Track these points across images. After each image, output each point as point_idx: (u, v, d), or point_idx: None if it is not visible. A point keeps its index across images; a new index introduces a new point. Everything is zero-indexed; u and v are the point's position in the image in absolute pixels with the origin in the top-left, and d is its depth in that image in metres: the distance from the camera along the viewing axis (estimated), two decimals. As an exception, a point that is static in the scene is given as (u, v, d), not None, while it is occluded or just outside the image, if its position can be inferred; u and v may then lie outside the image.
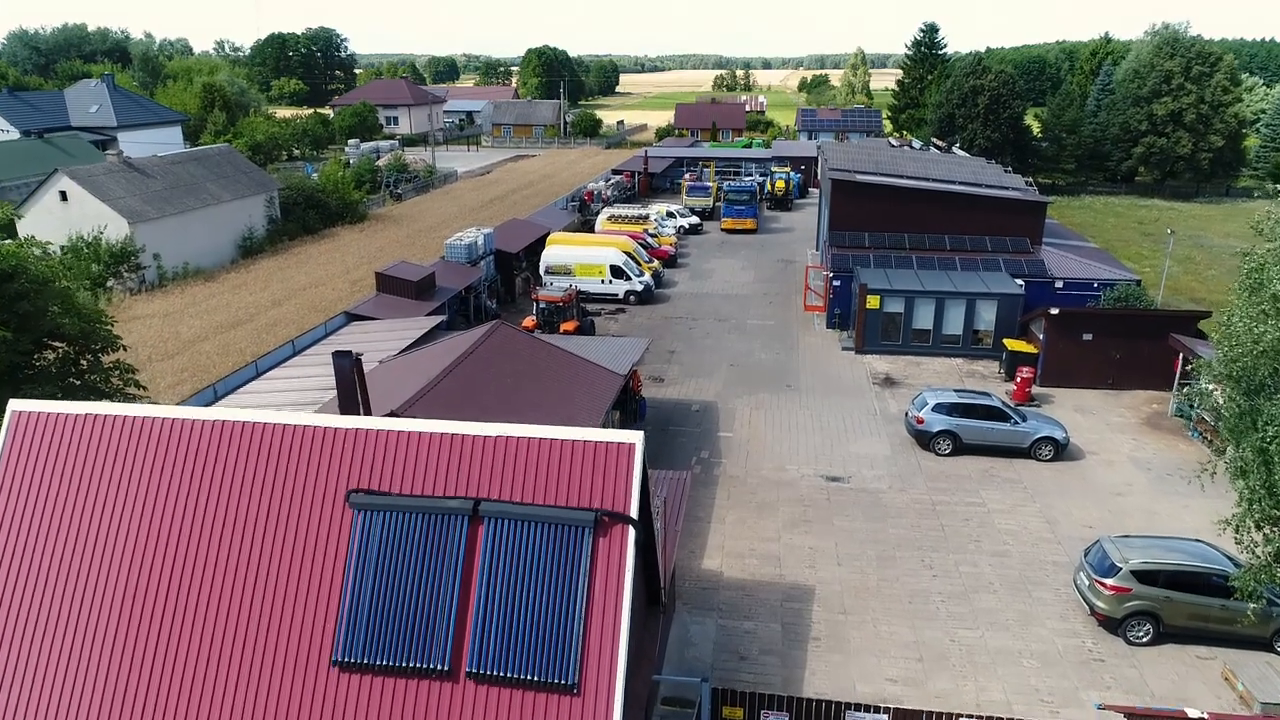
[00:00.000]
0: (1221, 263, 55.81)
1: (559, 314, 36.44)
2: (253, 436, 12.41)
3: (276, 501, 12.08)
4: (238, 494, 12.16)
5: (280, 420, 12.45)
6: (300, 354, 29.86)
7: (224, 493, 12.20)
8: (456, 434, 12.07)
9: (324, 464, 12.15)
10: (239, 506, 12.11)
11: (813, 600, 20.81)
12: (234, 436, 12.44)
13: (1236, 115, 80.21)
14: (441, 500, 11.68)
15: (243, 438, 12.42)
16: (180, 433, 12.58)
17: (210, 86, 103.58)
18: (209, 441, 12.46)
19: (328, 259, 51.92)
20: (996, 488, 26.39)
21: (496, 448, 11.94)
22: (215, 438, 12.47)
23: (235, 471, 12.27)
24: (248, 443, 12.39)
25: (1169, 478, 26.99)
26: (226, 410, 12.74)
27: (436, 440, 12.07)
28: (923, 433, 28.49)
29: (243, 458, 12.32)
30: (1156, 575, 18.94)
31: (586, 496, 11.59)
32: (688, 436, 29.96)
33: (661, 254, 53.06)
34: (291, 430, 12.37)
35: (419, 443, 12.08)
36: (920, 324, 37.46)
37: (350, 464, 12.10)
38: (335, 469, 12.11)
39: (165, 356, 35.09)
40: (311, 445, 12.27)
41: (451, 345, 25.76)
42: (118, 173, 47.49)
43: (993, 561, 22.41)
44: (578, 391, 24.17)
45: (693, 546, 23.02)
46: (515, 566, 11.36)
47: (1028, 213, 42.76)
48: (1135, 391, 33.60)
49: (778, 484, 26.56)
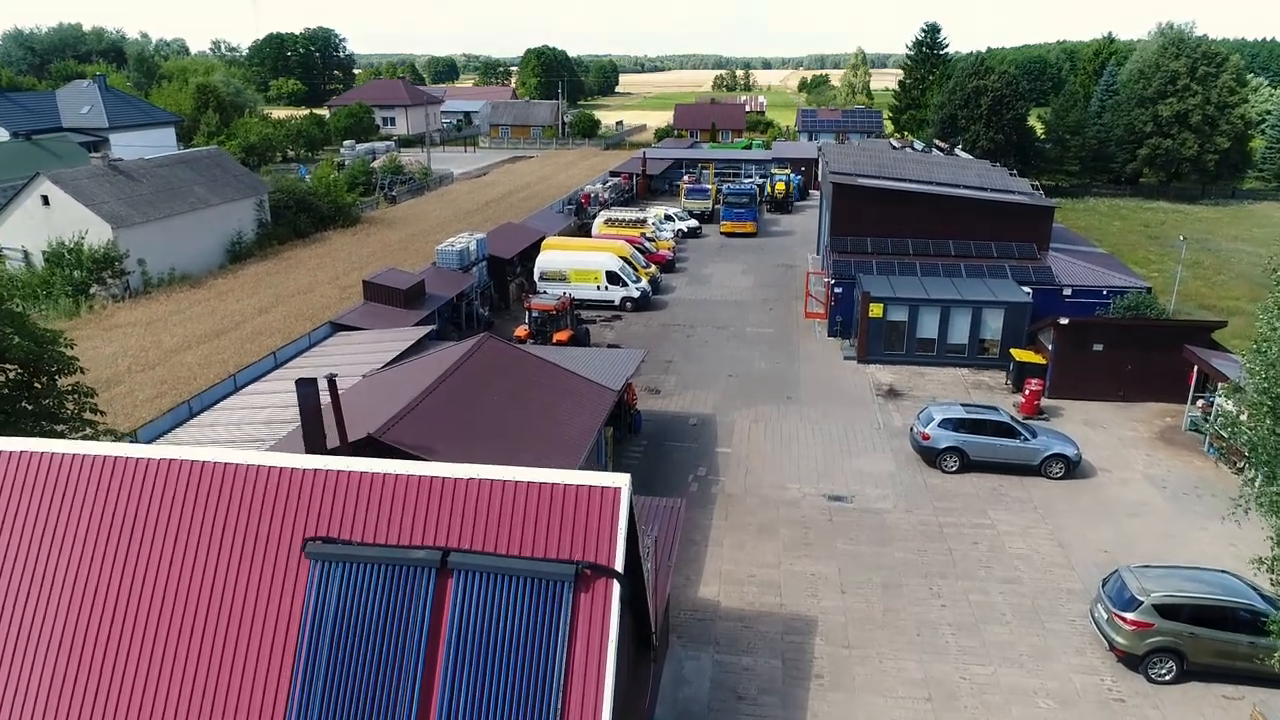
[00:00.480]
0: (1230, 267, 54.75)
1: (552, 323, 35.34)
2: (201, 477, 11.30)
3: (226, 550, 10.98)
4: (184, 541, 11.06)
5: (230, 459, 11.35)
6: (282, 366, 28.76)
7: (168, 539, 11.09)
8: (424, 475, 10.98)
9: (278, 508, 11.05)
10: (184, 555, 11.01)
11: (815, 632, 19.72)
12: (180, 477, 11.33)
13: (1243, 116, 79.09)
14: (406, 550, 10.58)
15: (190, 478, 11.31)
16: (121, 472, 11.46)
17: (204, 87, 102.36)
18: (153, 482, 11.35)
19: (318, 264, 50.81)
20: (1006, 508, 25.29)
21: (468, 491, 10.85)
22: (160, 478, 11.36)
23: (181, 516, 11.17)
24: (195, 484, 11.28)
25: (1185, 497, 25.89)
26: (172, 448, 11.63)
27: (402, 482, 10.97)
28: (928, 449, 27.39)
29: (190, 500, 11.21)
30: (1180, 609, 17.84)
31: (567, 547, 10.49)
32: (685, 452, 28.86)
33: (659, 259, 51.96)
34: (243, 470, 11.26)
35: (382, 485, 10.98)
36: (924, 333, 36.35)
37: (307, 508, 10.99)
38: (291, 514, 11.00)
39: (145, 367, 33.98)
40: (265, 487, 11.16)
41: (438, 359, 24.66)
42: (102, 176, 46.38)
43: (1004, 589, 21.31)
44: (568, 409, 23.07)
45: (688, 573, 21.92)
46: (487, 625, 10.26)
47: (1034, 218, 41.67)
48: (1147, 404, 32.49)
49: (778, 504, 25.46)
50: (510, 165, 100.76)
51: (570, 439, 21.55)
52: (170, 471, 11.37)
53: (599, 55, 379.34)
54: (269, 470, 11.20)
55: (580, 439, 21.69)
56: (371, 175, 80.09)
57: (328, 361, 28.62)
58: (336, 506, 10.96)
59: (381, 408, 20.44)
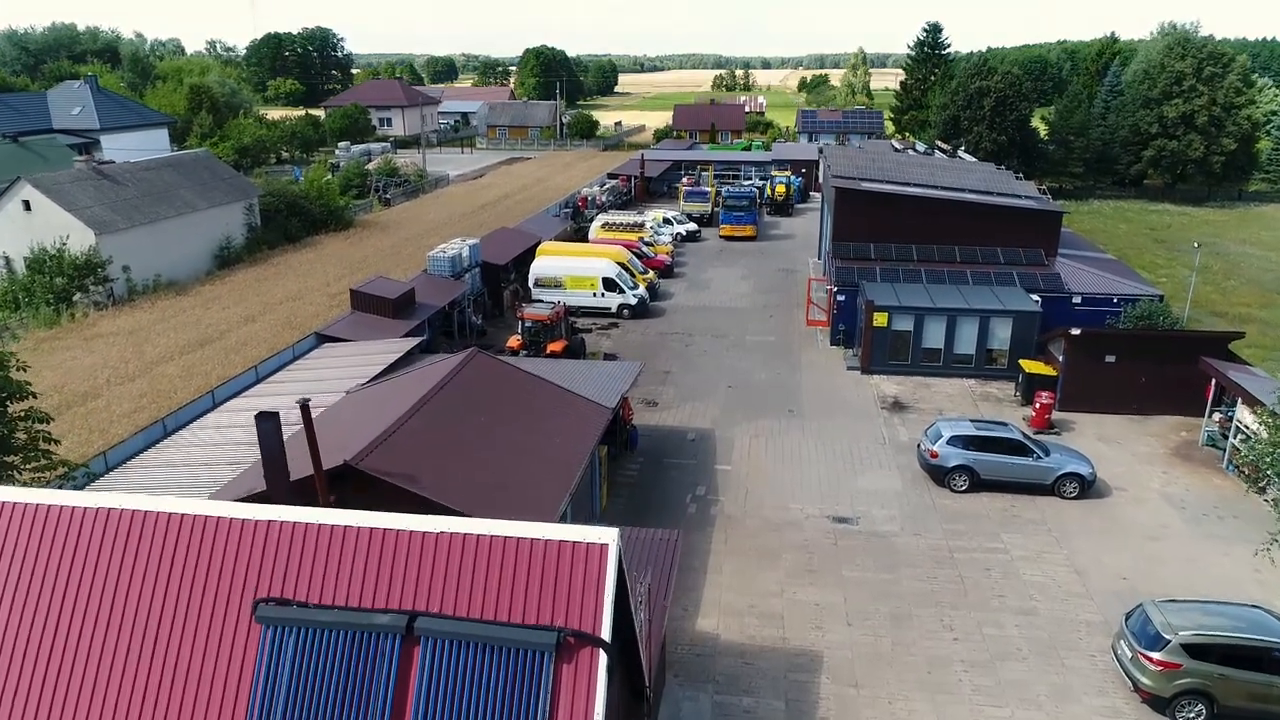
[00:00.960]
0: (1240, 272, 53.65)
1: (546, 333, 34.19)
2: (143, 529, 10.18)
3: (169, 610, 9.86)
4: (123, 599, 9.94)
5: (174, 509, 10.22)
6: (263, 380, 27.63)
7: (105, 596, 9.97)
8: (389, 528, 9.86)
9: (227, 564, 9.93)
10: (123, 614, 9.89)
11: (820, 669, 18.60)
12: (120, 528, 10.20)
13: (1249, 118, 78.01)
14: (369, 614, 9.47)
15: (131, 530, 10.19)
16: (55, 522, 10.34)
17: (198, 88, 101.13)
18: (89, 534, 10.23)
19: (308, 270, 49.67)
20: (1019, 530, 24.17)
21: (438, 547, 9.72)
22: (98, 529, 10.24)
23: (121, 571, 10.05)
24: (137, 536, 10.16)
25: (1205, 519, 24.77)
26: (112, 496, 10.48)
27: (364, 536, 9.85)
28: (937, 467, 26.27)
29: (130, 554, 10.10)
30: (1210, 649, 16.72)
31: (548, 611, 9.38)
32: (682, 470, 27.73)
33: (657, 264, 50.82)
34: (189, 522, 10.14)
35: (343, 539, 9.86)
36: (930, 343, 35.22)
37: (259, 564, 9.88)
38: (241, 570, 9.89)
39: (125, 380, 32.85)
40: (213, 540, 10.05)
41: (423, 375, 23.54)
42: (85, 180, 45.25)
43: (1019, 621, 20.19)
44: (560, 429, 21.95)
45: (686, 603, 20.79)
46: (457, 699, 9.14)
47: (1042, 223, 40.60)
48: (1162, 417, 31.37)
49: (780, 526, 24.34)
50: (507, 167, 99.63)
51: (561, 462, 20.44)
52: (109, 522, 10.25)
53: (598, 55, 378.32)
54: (217, 521, 10.09)
55: (572, 462, 20.57)
56: (366, 177, 78.99)
57: (311, 375, 27.52)
58: (292, 562, 9.85)
59: (361, 431, 19.33)
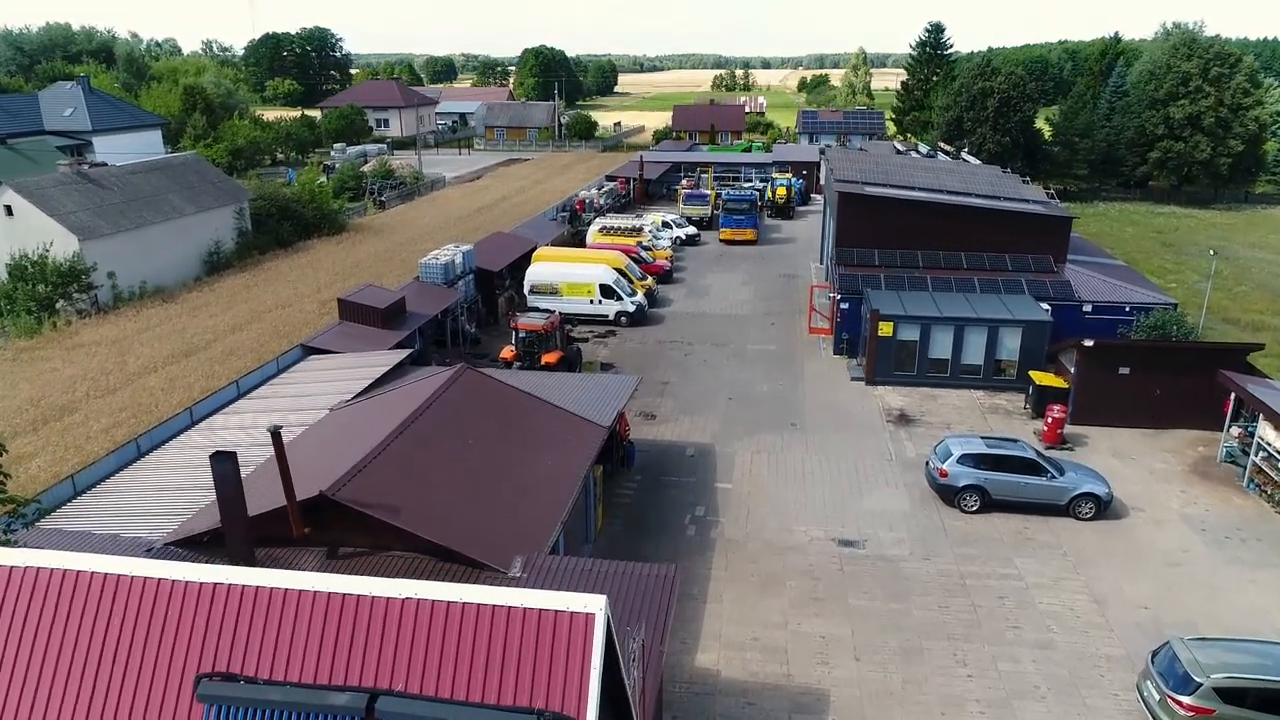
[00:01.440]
0: (1250, 277, 52.57)
1: (540, 343, 33.09)
2: (75, 591, 9.10)
3: (101, 686, 8.78)
4: (50, 672, 8.86)
5: (110, 569, 9.14)
6: (245, 396, 26.53)
7: (33, 668, 8.90)
8: (349, 594, 8.78)
9: (168, 634, 8.85)
10: (51, 690, 8.81)
11: (827, 710, 17.52)
12: (50, 590, 9.13)
13: (1256, 119, 76.91)
14: (324, 693, 8.39)
15: (62, 592, 9.11)
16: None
17: (192, 88, 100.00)
18: (17, 595, 9.14)
19: (299, 275, 48.57)
20: (1033, 554, 23.09)
21: (403, 616, 8.65)
22: (25, 591, 9.16)
23: (51, 640, 8.97)
24: (68, 599, 9.08)
25: (1228, 542, 23.69)
26: (40, 554, 9.40)
27: (322, 603, 8.78)
28: (946, 487, 25.19)
29: (61, 621, 9.02)
30: (1245, 693, 15.66)
31: (526, 689, 8.30)
32: (681, 488, 26.65)
33: (656, 269, 49.75)
34: (127, 584, 9.06)
35: (297, 606, 8.79)
36: (937, 353, 34.15)
37: (204, 635, 8.80)
38: (184, 641, 8.81)
39: (105, 392, 31.78)
40: (153, 605, 8.97)
41: (410, 393, 22.45)
42: (70, 185, 44.14)
43: (1036, 656, 19.11)
44: (552, 451, 20.87)
45: (684, 636, 19.72)
46: (424, 792, 8.08)
47: (1051, 229, 39.49)
48: (1177, 432, 30.30)
49: (783, 550, 23.26)
50: (505, 169, 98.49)
51: (553, 488, 19.35)
52: (38, 584, 9.18)
53: (598, 55, 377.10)
54: (157, 583, 9.02)
55: (565, 487, 19.49)
56: (361, 179, 77.92)
57: (294, 390, 26.44)
58: (240, 631, 8.78)
59: (340, 455, 18.24)
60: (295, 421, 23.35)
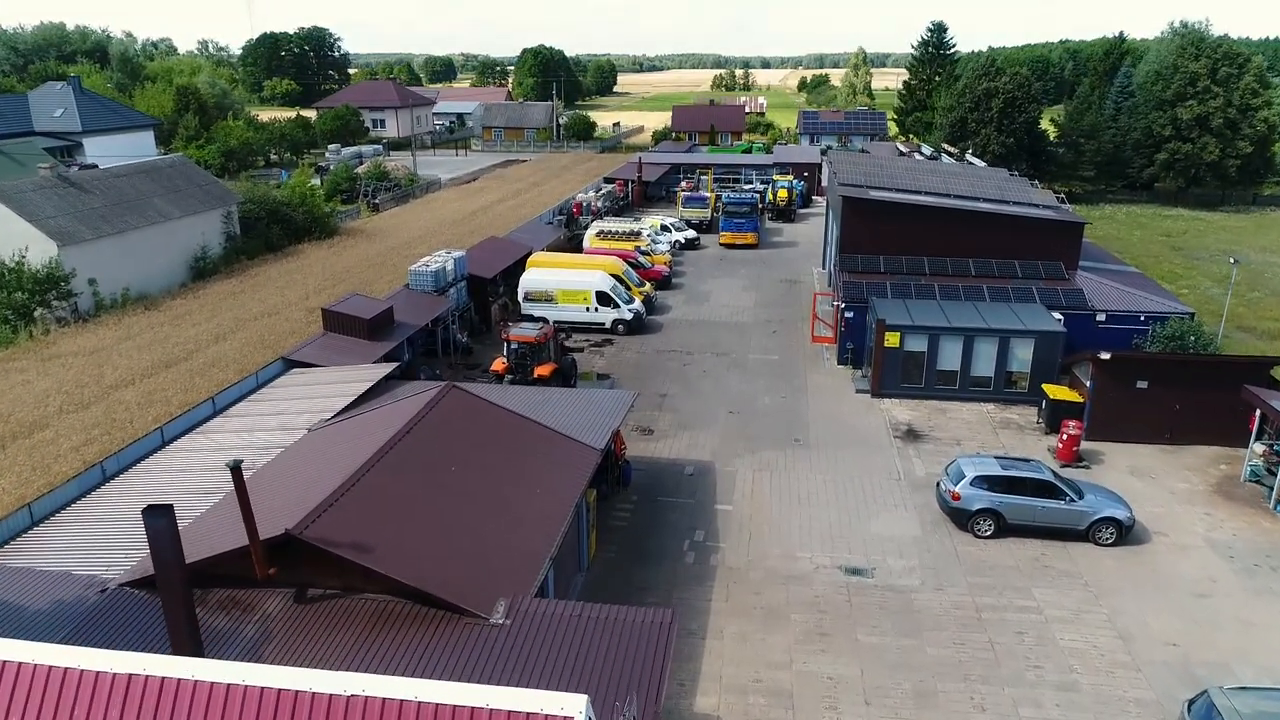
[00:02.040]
0: (1264, 282, 51.20)
1: (533, 355, 31.76)
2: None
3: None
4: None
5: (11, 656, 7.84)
6: (220, 414, 25.22)
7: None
8: (285, 690, 7.48)
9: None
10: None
11: (835, 762, 16.24)
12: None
13: (1265, 120, 75.60)
14: (253, 811, 7.11)
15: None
16: None
17: (184, 89, 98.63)
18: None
19: (287, 282, 47.25)
20: (1051, 584, 21.80)
21: (348, 717, 7.35)
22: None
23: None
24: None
25: (1258, 570, 22.41)
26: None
27: (253, 700, 7.47)
28: (959, 510, 23.90)
29: (-49, 717, 7.73)
30: (1293, 752, 14.38)
31: (491, 808, 7.02)
32: (679, 510, 25.35)
33: (654, 274, 48.43)
34: (29, 673, 7.76)
35: (225, 704, 7.49)
36: (946, 364, 32.84)
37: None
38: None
39: (79, 407, 30.46)
40: (57, 699, 7.67)
41: (392, 413, 21.18)
42: (49, 188, 42.80)
43: (1059, 700, 17.81)
44: (542, 479, 19.57)
45: (682, 677, 18.43)
46: None
47: (1062, 234, 38.28)
48: (1198, 448, 29.02)
49: (787, 579, 21.96)
50: (502, 170, 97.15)
51: (543, 519, 18.06)
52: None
53: (597, 55, 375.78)
54: (64, 673, 7.71)
55: (555, 518, 18.20)
56: (355, 181, 76.62)
57: (271, 408, 25.13)
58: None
59: (311, 487, 16.95)
60: (271, 442, 22.07)
